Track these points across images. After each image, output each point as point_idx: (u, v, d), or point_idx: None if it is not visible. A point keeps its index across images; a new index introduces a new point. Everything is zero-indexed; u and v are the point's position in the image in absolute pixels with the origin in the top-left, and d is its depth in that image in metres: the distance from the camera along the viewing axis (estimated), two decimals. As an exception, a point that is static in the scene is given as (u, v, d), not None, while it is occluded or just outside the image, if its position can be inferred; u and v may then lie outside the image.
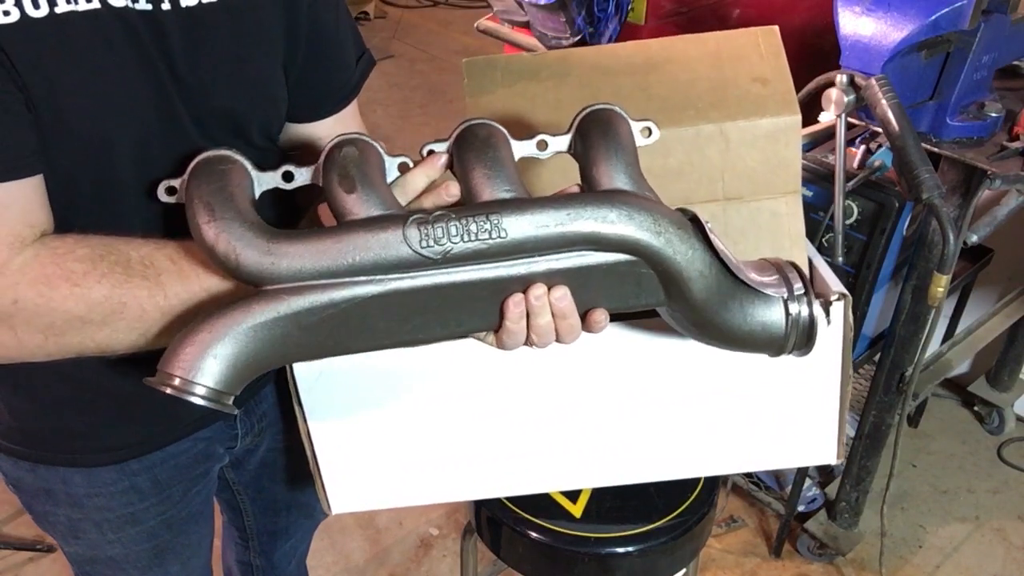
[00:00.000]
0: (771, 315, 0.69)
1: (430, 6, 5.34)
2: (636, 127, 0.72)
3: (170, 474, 0.95)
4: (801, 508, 1.89)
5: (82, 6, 0.66)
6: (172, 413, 0.91)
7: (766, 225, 0.91)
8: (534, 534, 1.10)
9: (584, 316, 0.69)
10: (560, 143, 0.73)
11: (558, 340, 0.70)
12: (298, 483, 1.15)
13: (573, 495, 1.15)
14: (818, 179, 1.43)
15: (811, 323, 0.69)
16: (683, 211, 0.68)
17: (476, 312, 0.67)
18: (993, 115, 1.38)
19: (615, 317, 0.71)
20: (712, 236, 0.67)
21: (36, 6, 0.64)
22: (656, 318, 0.74)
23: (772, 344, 0.70)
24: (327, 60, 0.86)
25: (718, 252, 0.67)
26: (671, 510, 1.13)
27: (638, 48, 0.95)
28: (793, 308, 0.69)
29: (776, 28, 0.94)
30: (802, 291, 0.69)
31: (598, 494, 1.16)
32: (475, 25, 1.99)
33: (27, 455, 0.90)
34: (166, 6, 0.71)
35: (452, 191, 0.70)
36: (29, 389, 0.86)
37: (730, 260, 0.67)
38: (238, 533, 1.24)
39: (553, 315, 0.67)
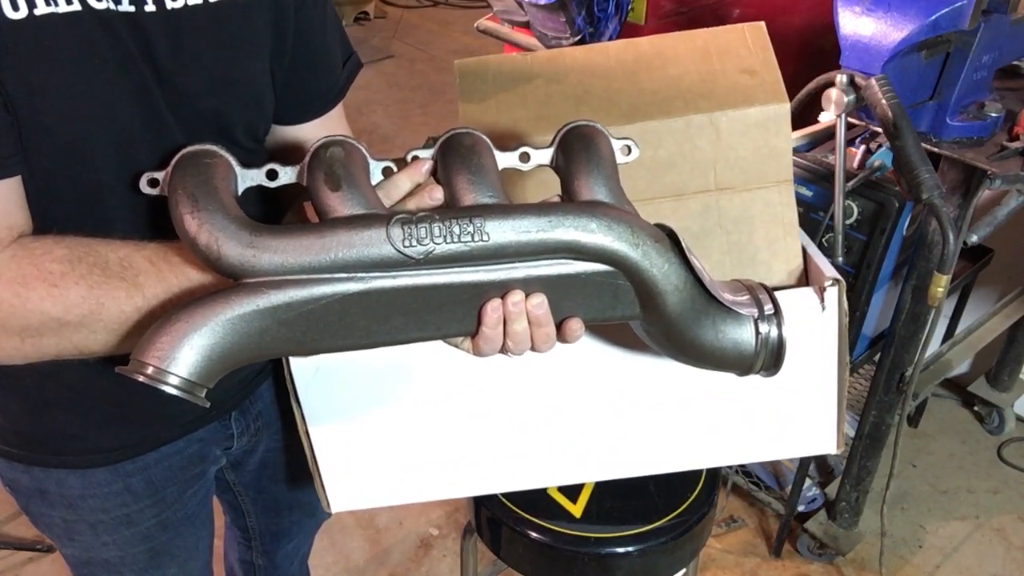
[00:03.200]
0: (742, 334, 0.70)
1: (430, 6, 5.35)
2: (617, 144, 0.73)
3: (164, 475, 0.95)
4: (801, 508, 1.89)
5: (62, 8, 0.65)
6: (165, 413, 0.91)
7: (759, 215, 0.92)
8: (534, 534, 1.10)
9: (560, 326, 0.69)
10: (542, 156, 0.73)
11: (533, 348, 0.70)
12: (299, 483, 1.15)
13: (573, 495, 1.15)
14: (818, 179, 1.42)
15: (779, 344, 0.70)
16: (661, 227, 0.69)
17: (454, 316, 0.67)
18: (993, 115, 1.37)
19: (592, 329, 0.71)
20: (688, 253, 0.67)
21: (15, 8, 0.63)
22: None
23: (741, 363, 0.71)
24: (314, 62, 0.86)
25: (694, 269, 0.67)
26: (671, 510, 1.13)
27: (628, 46, 0.95)
28: (763, 328, 0.70)
29: (763, 24, 0.94)
30: (772, 312, 0.70)
31: (598, 494, 1.16)
32: (475, 25, 1.99)
33: (21, 456, 0.90)
34: (150, 8, 0.70)
35: (436, 195, 0.70)
36: (20, 390, 0.85)
37: (705, 277, 0.68)
38: (240, 533, 1.24)
39: (529, 322, 0.68)
